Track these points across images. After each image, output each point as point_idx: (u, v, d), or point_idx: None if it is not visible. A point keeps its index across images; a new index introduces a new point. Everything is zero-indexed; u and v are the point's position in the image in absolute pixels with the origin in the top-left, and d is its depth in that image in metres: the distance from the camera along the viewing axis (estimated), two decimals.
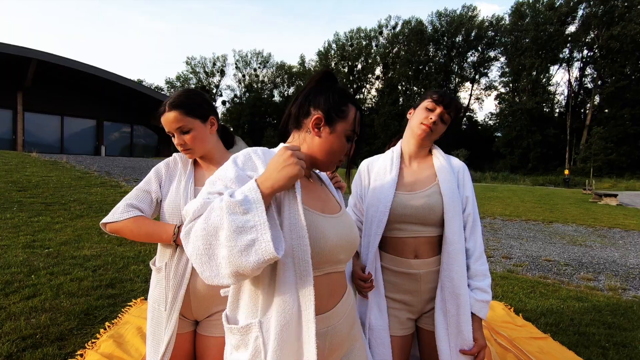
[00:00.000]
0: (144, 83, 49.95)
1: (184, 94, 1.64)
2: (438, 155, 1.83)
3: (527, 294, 4.62)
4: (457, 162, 1.84)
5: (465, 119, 49.94)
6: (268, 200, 0.99)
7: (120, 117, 22.70)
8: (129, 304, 3.43)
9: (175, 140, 1.63)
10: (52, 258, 4.40)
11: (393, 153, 1.89)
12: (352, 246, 1.20)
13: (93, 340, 2.83)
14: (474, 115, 51.16)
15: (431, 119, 1.74)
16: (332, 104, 1.19)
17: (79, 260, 4.39)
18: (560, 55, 40.89)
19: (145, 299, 3.46)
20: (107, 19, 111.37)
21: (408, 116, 1.87)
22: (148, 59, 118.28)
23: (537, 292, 4.71)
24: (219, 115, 1.76)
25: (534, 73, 40.41)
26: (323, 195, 1.27)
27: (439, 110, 1.74)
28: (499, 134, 45.21)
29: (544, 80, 41.38)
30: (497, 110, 46.44)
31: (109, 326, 3.04)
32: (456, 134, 43.96)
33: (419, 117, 1.78)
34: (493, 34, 46.47)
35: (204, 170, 1.71)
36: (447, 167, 1.77)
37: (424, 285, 1.73)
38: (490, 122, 48.98)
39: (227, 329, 1.12)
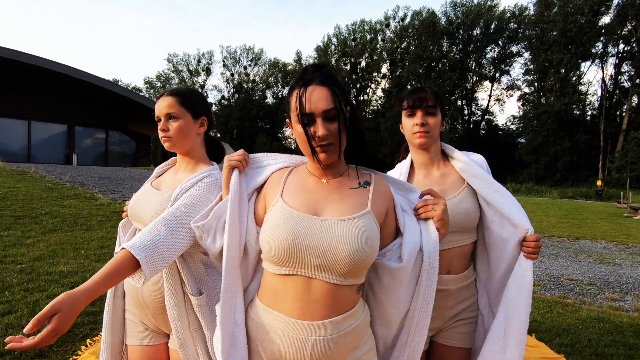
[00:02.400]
0: (120, 83, 50.37)
1: (187, 88, 1.91)
2: (455, 156, 1.98)
3: (543, 314, 4.85)
4: (477, 157, 2.00)
5: (483, 123, 50.11)
6: (224, 192, 1.51)
7: (93, 122, 22.91)
8: None
9: (160, 125, 1.84)
10: (26, 274, 4.66)
11: (402, 167, 2.05)
12: (328, 255, 1.25)
13: (74, 358, 3.07)
14: (494, 119, 51.30)
15: (417, 124, 1.89)
16: (285, 103, 1.42)
17: (55, 276, 4.66)
18: (593, 50, 40.63)
19: None
20: (79, 12, 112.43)
21: (402, 131, 2.03)
22: (125, 57, 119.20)
23: (555, 312, 4.94)
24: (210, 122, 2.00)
25: (563, 70, 40.23)
26: (332, 197, 1.38)
27: (419, 113, 1.90)
28: (522, 140, 45.19)
29: (574, 78, 41.09)
30: (520, 112, 46.44)
31: (90, 343, 3.29)
32: (473, 140, 43.97)
33: (408, 129, 1.95)
34: (515, 26, 46.55)
35: (171, 174, 1.94)
36: (470, 164, 1.92)
37: (451, 301, 1.87)
38: (513, 126, 49.09)
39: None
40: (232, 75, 61.15)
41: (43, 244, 5.85)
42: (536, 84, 44.68)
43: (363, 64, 54.47)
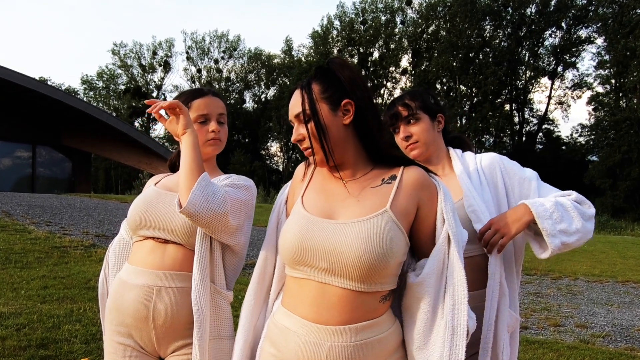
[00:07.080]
0: (49, 83, 50.76)
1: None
2: (455, 162, 2.36)
3: None
4: (485, 159, 2.35)
5: (541, 134, 50.02)
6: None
7: (15, 135, 23.03)
8: None
9: (210, 126, 2.27)
10: None
11: None
12: (335, 257, 1.56)
13: None
14: (555, 129, 51.30)
15: (403, 138, 2.36)
16: None
17: None
18: None
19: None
20: None
21: None
22: (55, 49, 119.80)
23: None
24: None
25: None
26: (349, 200, 1.69)
27: (401, 126, 2.37)
28: (594, 158, 44.86)
29: None
30: (592, 120, 46.17)
31: None
32: (526, 158, 43.93)
33: (401, 147, 2.41)
34: (585, 2, 46.33)
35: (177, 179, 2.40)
36: (465, 173, 2.27)
37: None
38: (581, 139, 48.67)
39: None
40: (199, 71, 61.86)
41: None
42: (613, 80, 44.47)
43: (376, 55, 54.79)
